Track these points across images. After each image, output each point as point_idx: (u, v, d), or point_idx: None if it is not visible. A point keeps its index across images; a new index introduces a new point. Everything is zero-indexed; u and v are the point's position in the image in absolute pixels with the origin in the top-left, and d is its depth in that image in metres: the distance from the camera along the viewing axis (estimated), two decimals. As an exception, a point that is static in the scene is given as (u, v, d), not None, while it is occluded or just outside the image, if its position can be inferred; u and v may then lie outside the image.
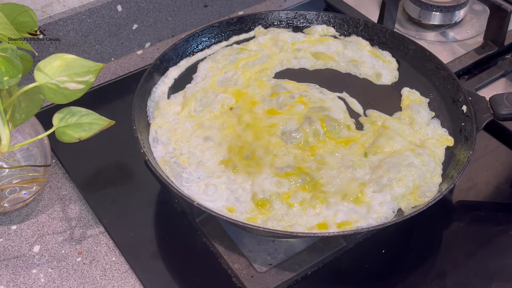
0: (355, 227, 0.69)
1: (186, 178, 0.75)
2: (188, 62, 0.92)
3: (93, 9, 0.95)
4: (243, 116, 0.82)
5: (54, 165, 0.85)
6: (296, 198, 0.72)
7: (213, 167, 0.76)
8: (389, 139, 0.78)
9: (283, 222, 0.70)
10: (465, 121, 0.79)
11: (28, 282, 0.71)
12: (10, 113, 0.69)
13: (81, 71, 0.68)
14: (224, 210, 0.71)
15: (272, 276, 0.70)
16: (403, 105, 0.85)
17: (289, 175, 0.74)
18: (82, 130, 0.70)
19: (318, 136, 0.79)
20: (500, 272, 0.72)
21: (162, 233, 0.76)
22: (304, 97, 0.85)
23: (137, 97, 0.81)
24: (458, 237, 0.76)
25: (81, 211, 0.79)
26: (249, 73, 0.89)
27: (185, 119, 0.82)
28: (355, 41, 0.95)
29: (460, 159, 0.75)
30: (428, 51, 0.89)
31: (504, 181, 0.83)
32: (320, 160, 0.76)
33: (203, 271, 0.72)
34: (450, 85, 0.84)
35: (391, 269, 0.73)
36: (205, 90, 0.86)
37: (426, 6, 1.05)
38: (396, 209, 0.71)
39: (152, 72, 0.86)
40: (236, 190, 0.74)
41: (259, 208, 0.72)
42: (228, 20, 0.96)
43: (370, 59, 0.92)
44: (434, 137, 0.80)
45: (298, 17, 0.98)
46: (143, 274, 0.72)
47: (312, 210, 0.71)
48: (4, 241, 0.76)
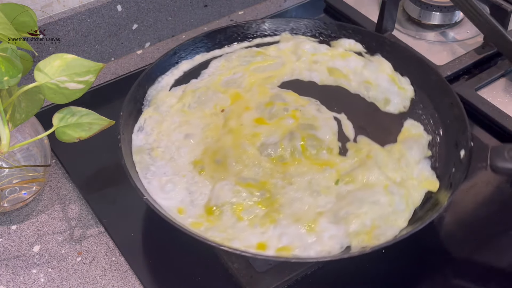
0: (291, 255, 0.66)
1: (152, 172, 0.75)
2: (203, 58, 0.91)
3: (93, 9, 0.95)
4: (230, 120, 0.81)
5: (54, 165, 0.85)
6: (249, 212, 0.70)
7: (182, 165, 0.76)
8: (366, 170, 0.73)
9: (225, 234, 0.68)
10: (457, 168, 0.73)
11: (28, 282, 0.71)
12: (10, 113, 0.69)
13: (81, 71, 0.68)
14: (174, 210, 0.70)
15: (272, 276, 0.69)
16: (400, 137, 0.80)
17: (250, 186, 0.72)
18: (82, 130, 0.70)
19: (294, 154, 0.76)
20: (500, 272, 0.72)
21: (162, 233, 0.76)
22: (298, 111, 0.82)
23: (137, 85, 0.81)
24: (458, 237, 0.76)
25: (81, 211, 0.79)
26: (255, 78, 0.88)
27: (175, 113, 0.82)
28: (378, 62, 0.89)
29: (438, 202, 0.70)
30: (448, 86, 0.81)
31: (504, 181, 0.83)
32: (288, 178, 0.73)
33: (203, 271, 0.72)
34: (459, 126, 0.77)
35: (391, 269, 0.73)
36: (207, 88, 0.85)
37: (426, 6, 1.05)
38: (345, 245, 0.67)
39: (158, 64, 0.86)
40: (194, 192, 0.73)
41: (208, 215, 0.70)
42: (257, 21, 0.94)
43: (386, 83, 0.87)
44: (418, 178, 0.74)
45: (327, 28, 0.94)
46: (143, 274, 0.72)
47: (259, 228, 0.68)
48: (4, 241, 0.76)
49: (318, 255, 0.66)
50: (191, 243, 0.65)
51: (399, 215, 0.69)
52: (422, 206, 0.71)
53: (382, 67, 0.88)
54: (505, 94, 0.94)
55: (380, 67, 0.88)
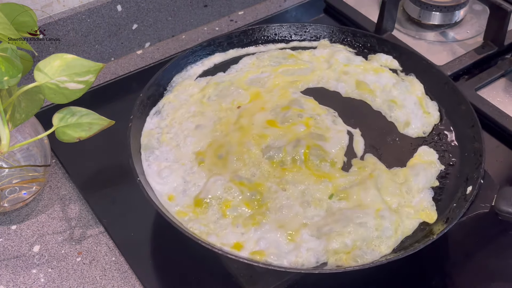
0: (264, 260, 0.65)
1: (155, 156, 0.77)
2: (236, 52, 0.93)
3: (93, 9, 0.95)
4: (243, 117, 0.81)
5: (54, 165, 0.85)
6: (235, 210, 0.70)
7: (185, 154, 0.77)
8: (363, 189, 0.72)
9: (206, 228, 0.69)
10: (459, 204, 0.70)
11: (28, 282, 0.71)
12: (10, 113, 0.69)
13: (81, 71, 0.68)
14: (165, 196, 0.72)
15: (272, 275, 0.69)
16: (410, 162, 0.77)
17: (243, 185, 0.72)
18: (82, 130, 0.70)
19: (296, 161, 0.75)
20: (500, 272, 0.72)
21: (162, 233, 0.76)
22: (312, 119, 0.81)
23: (165, 70, 0.86)
24: (458, 237, 0.76)
25: (81, 211, 0.79)
26: (281, 80, 0.87)
27: (193, 103, 0.84)
28: (410, 82, 0.87)
29: (429, 234, 0.68)
30: (475, 117, 0.78)
31: (504, 181, 0.83)
32: (283, 184, 0.73)
33: (203, 271, 0.72)
34: (475, 161, 0.74)
35: (391, 268, 0.73)
36: (231, 83, 0.87)
37: (426, 6, 1.05)
38: (321, 261, 0.67)
39: (190, 53, 0.89)
40: (188, 182, 0.74)
41: (196, 206, 0.71)
42: (298, 25, 0.94)
43: (412, 105, 0.84)
44: (416, 207, 0.72)
45: (367, 40, 0.93)
46: (143, 274, 0.72)
47: (241, 228, 0.68)
48: (4, 241, 0.76)
49: (290, 265, 0.66)
50: (191, 243, 0.65)
51: (384, 240, 0.68)
52: (414, 236, 0.70)
53: (413, 88, 0.86)
54: (505, 94, 0.94)
55: (412, 88, 0.87)
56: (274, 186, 0.73)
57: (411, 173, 0.75)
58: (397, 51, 0.91)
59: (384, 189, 0.73)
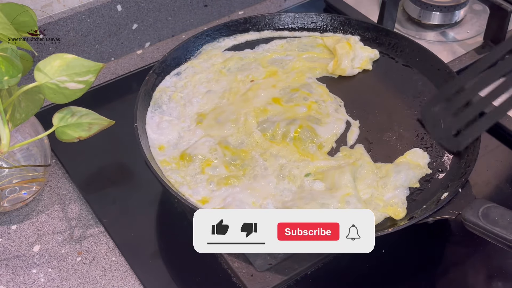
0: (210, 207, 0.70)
1: (161, 110, 0.82)
2: (271, 34, 0.96)
3: (93, 9, 0.95)
4: (251, 90, 0.84)
5: (54, 165, 0.85)
6: (213, 170, 0.74)
7: (188, 112, 0.82)
8: (339, 173, 0.72)
9: (182, 179, 0.73)
10: (428, 206, 0.71)
11: (28, 282, 0.71)
12: (10, 113, 0.69)
13: (81, 71, 0.68)
14: (156, 145, 0.77)
15: (272, 275, 0.70)
16: (398, 160, 0.77)
17: (227, 149, 0.76)
18: (82, 130, 0.70)
19: (285, 138, 0.78)
20: (500, 272, 0.73)
21: (162, 233, 0.76)
22: (316, 104, 0.83)
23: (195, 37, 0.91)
24: (458, 237, 0.76)
25: (81, 211, 0.79)
26: (302, 64, 0.90)
27: (213, 71, 0.89)
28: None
29: (387, 228, 0.68)
30: (479, 134, 0.76)
31: (504, 181, 0.83)
32: (266, 155, 0.76)
33: (203, 271, 0.72)
34: (462, 171, 0.74)
35: (391, 269, 0.73)
36: (254, 60, 0.91)
37: (426, 6, 1.05)
38: None
39: (224, 26, 0.94)
40: (182, 138, 0.79)
41: (180, 159, 0.75)
42: (346, 18, 0.96)
43: None
44: (387, 201, 0.72)
45: (401, 45, 0.93)
46: (143, 274, 0.72)
47: (213, 186, 0.72)
48: (4, 241, 0.76)
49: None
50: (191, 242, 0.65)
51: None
52: (376, 228, 0.67)
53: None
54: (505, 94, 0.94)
55: None
56: (257, 156, 0.76)
57: (393, 170, 0.74)
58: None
59: (361, 179, 0.73)
